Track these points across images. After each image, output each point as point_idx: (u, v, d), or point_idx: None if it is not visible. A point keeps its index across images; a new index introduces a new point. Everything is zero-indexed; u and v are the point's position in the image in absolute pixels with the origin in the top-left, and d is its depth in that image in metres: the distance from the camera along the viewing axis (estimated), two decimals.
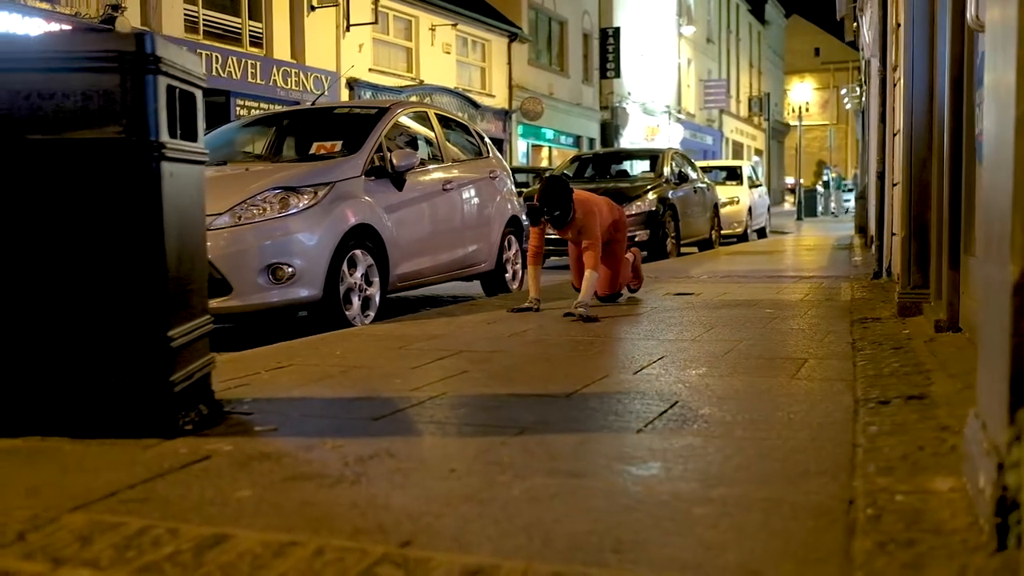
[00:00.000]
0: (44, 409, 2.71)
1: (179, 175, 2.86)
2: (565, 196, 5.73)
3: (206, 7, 18.24)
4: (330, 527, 1.89)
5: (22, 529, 1.93)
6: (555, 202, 5.70)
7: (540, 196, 5.77)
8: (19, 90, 2.66)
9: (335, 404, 3.18)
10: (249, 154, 7.37)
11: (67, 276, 2.70)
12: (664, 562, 1.65)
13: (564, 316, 5.52)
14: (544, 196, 5.74)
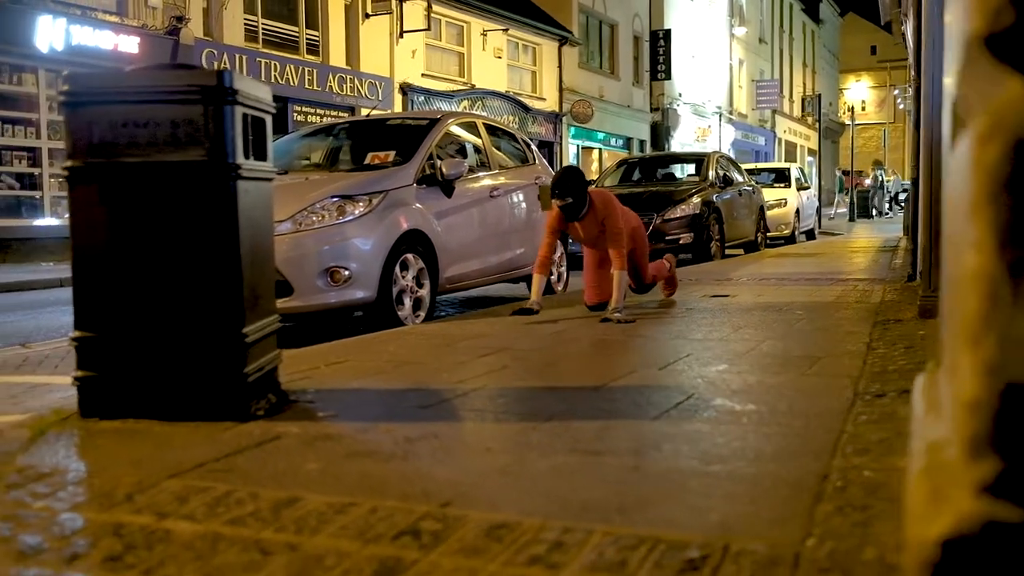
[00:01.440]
0: (139, 396, 3.13)
1: (252, 191, 3.26)
2: (580, 185, 5.75)
3: (265, 16, 18.86)
4: (383, 492, 2.26)
5: (130, 491, 2.34)
6: (569, 188, 5.71)
7: (554, 181, 5.80)
8: (118, 119, 3.08)
9: (388, 394, 3.56)
10: (308, 163, 7.81)
11: (158, 280, 3.11)
12: (657, 521, 2.00)
13: (601, 322, 5.63)
14: (558, 181, 5.77)
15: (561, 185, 5.72)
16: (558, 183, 5.75)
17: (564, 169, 5.94)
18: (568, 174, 5.81)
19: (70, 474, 2.54)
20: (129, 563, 1.88)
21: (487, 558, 1.83)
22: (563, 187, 5.70)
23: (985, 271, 0.79)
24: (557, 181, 5.77)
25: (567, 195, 5.70)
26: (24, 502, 2.31)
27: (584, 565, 1.78)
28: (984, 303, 0.79)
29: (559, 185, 5.73)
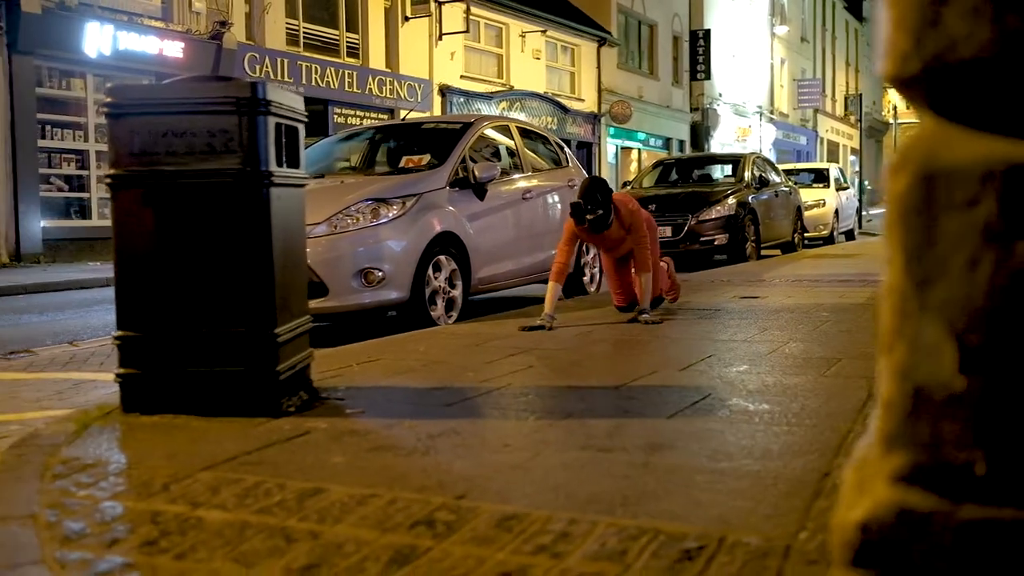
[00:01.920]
0: (177, 392, 3.29)
1: (284, 197, 3.41)
2: (606, 196, 5.68)
3: (306, 21, 19.13)
4: (402, 484, 2.38)
5: (166, 482, 2.49)
6: (597, 200, 5.62)
7: (583, 193, 5.68)
8: (158, 129, 3.24)
9: (415, 392, 3.69)
10: (345, 167, 7.98)
11: (195, 282, 3.26)
12: (659, 513, 2.10)
13: (629, 323, 5.72)
14: (587, 194, 5.66)
15: (591, 198, 5.64)
16: (588, 196, 5.65)
17: (590, 181, 5.79)
18: (595, 186, 5.72)
19: (111, 465, 2.70)
20: (164, 548, 2.02)
21: (496, 547, 1.95)
22: (593, 200, 5.63)
23: (896, 286, 0.89)
24: (586, 194, 5.67)
25: (598, 207, 5.61)
26: (69, 491, 2.47)
27: (586, 554, 1.89)
28: (895, 314, 0.89)
29: (589, 198, 5.64)
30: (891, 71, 0.87)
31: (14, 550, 2.07)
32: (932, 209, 0.85)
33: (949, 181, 0.84)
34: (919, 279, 0.86)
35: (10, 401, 4.25)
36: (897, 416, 0.89)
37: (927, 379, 0.87)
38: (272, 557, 1.94)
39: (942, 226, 0.85)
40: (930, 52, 0.84)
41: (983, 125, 0.85)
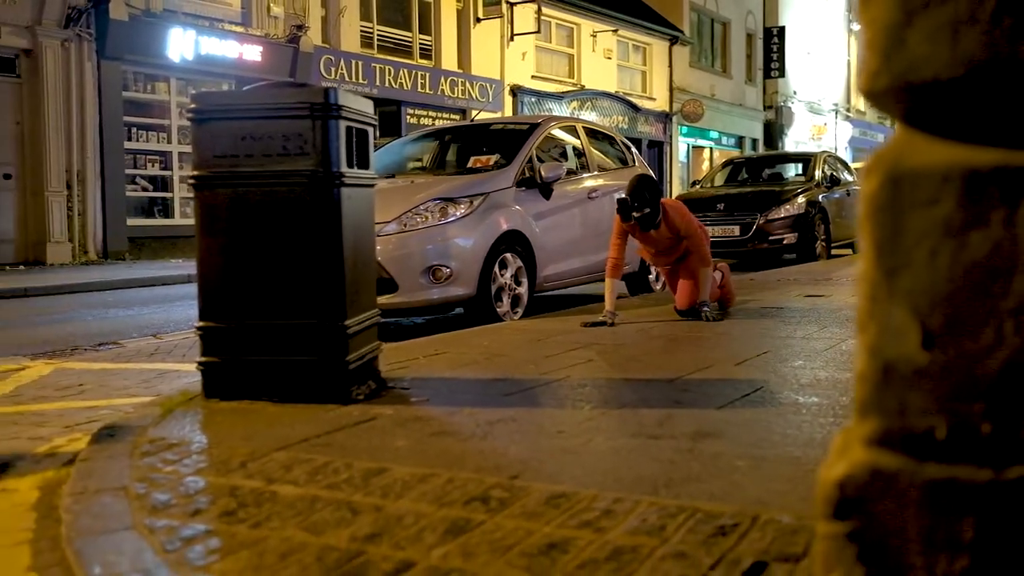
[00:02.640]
0: (254, 380, 3.50)
1: (354, 197, 3.60)
2: (654, 195, 5.68)
3: (380, 23, 19.50)
4: (460, 465, 2.55)
5: (243, 460, 2.69)
6: (645, 199, 5.63)
7: (630, 192, 5.69)
8: (238, 133, 3.46)
9: (477, 383, 3.86)
10: (415, 167, 8.20)
11: (271, 276, 3.47)
12: (699, 494, 2.23)
13: (691, 319, 5.75)
14: (635, 192, 5.66)
15: (638, 196, 5.66)
16: (635, 194, 5.67)
17: (639, 180, 5.77)
18: (643, 184, 5.71)
19: (194, 445, 2.92)
20: (241, 518, 2.22)
21: (543, 521, 2.10)
22: (640, 198, 5.65)
23: (868, 274, 1.01)
24: (633, 192, 5.68)
25: (645, 206, 5.64)
26: (156, 467, 2.69)
27: (627, 529, 2.03)
28: (867, 299, 1.01)
29: (636, 196, 5.66)
30: (865, 86, 1.00)
31: (108, 518, 2.29)
32: (898, 207, 0.98)
33: (914, 183, 0.97)
34: (887, 268, 0.99)
35: (100, 388, 4.53)
36: (870, 388, 1.02)
37: (895, 356, 0.99)
38: (339, 527, 2.12)
39: (907, 222, 0.97)
40: (896, 71, 0.97)
41: (944, 134, 0.97)
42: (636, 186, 5.70)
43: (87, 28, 13.77)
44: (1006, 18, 0.91)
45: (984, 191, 0.94)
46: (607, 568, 1.82)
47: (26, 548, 2.23)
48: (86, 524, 2.26)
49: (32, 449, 3.25)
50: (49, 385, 4.62)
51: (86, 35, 13.77)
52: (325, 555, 1.95)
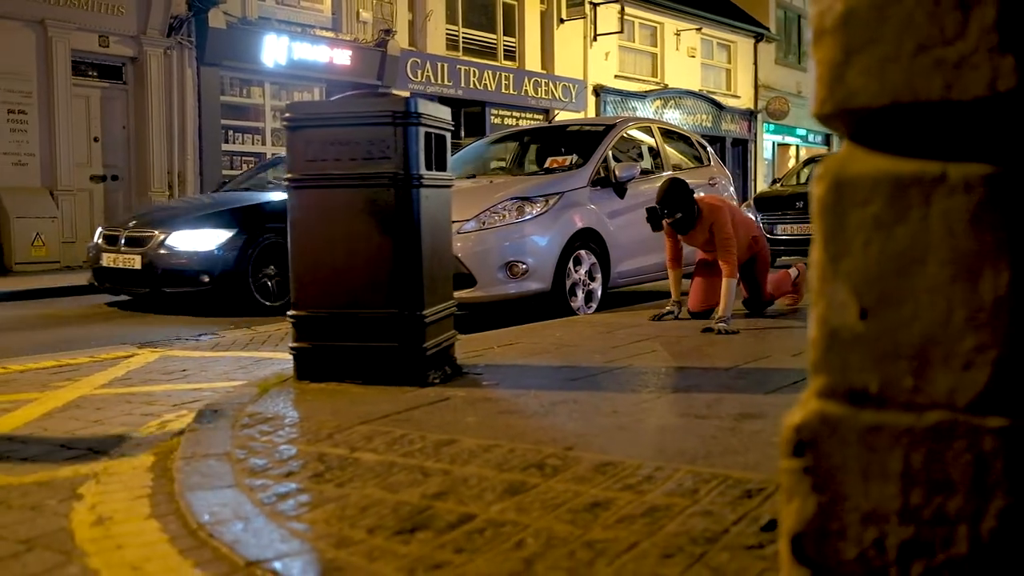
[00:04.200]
0: (341, 364, 3.85)
1: (432, 197, 3.92)
2: (686, 198, 5.54)
3: (466, 26, 19.91)
4: (521, 438, 2.84)
5: (330, 432, 3.02)
6: (675, 203, 5.50)
7: (660, 197, 5.57)
8: (326, 139, 3.80)
9: (544, 370, 4.14)
10: (494, 168, 8.52)
11: (356, 269, 3.81)
12: (733, 465, 2.47)
13: (702, 332, 5.23)
14: (664, 197, 5.54)
15: (668, 203, 5.54)
16: (665, 200, 5.55)
17: (668, 185, 5.65)
18: (673, 188, 5.58)
19: (286, 419, 3.27)
20: (327, 479, 2.54)
21: (591, 485, 2.37)
22: (671, 204, 5.54)
23: (818, 260, 1.26)
24: (663, 198, 5.56)
25: (676, 211, 5.54)
26: (253, 437, 3.04)
27: (664, 491, 2.29)
28: (818, 280, 1.26)
29: (666, 203, 5.55)
30: (815, 111, 1.26)
31: (214, 477, 2.64)
32: (841, 206, 1.23)
33: (852, 187, 1.22)
34: (832, 255, 1.24)
35: (201, 373, 4.94)
36: (819, 351, 1.27)
37: (838, 325, 1.24)
38: (412, 486, 2.43)
39: (847, 218, 1.22)
40: (838, 99, 1.21)
41: (876, 148, 1.22)
42: (666, 192, 5.61)
43: (188, 36, 14.46)
44: (921, 57, 1.15)
45: (905, 194, 1.18)
46: (642, 522, 2.09)
47: (146, 501, 2.58)
48: (195, 482, 2.61)
49: (145, 423, 3.65)
50: (156, 370, 5.05)
51: (187, 43, 14.47)
52: (399, 508, 2.26)
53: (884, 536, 1.24)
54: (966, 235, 1.17)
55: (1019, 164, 1.14)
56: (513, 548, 1.97)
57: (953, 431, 1.18)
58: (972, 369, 1.17)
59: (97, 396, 4.17)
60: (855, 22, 1.22)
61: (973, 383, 1.17)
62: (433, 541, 2.03)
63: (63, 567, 2.05)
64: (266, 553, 2.02)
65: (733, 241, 5.55)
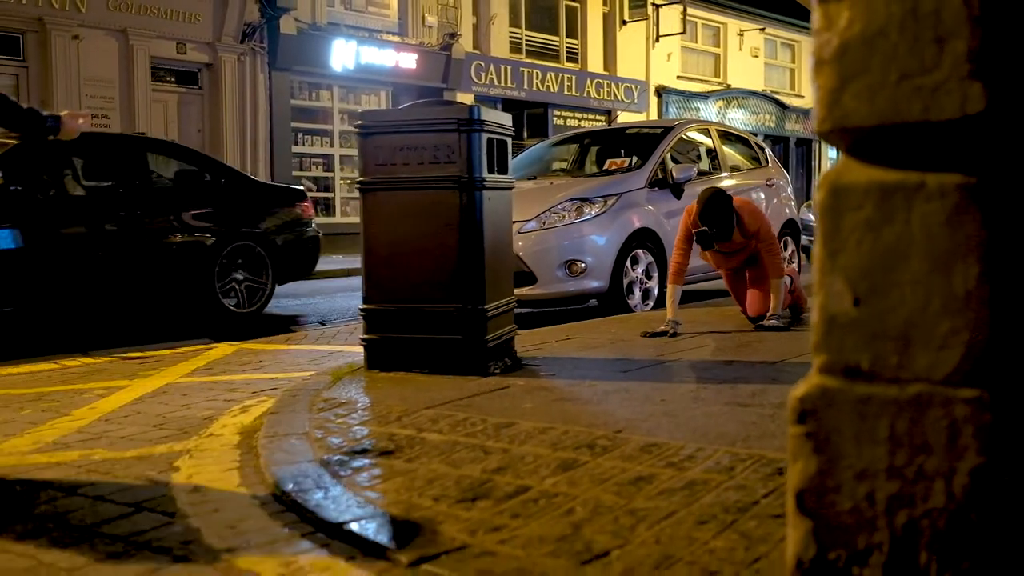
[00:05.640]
0: (408, 354, 4.12)
1: (494, 198, 4.17)
2: (728, 208, 5.31)
3: (529, 29, 20.18)
4: (575, 422, 3.07)
5: (399, 415, 3.29)
6: (718, 218, 5.27)
7: (702, 215, 5.25)
8: (395, 145, 4.08)
9: (599, 362, 4.37)
10: (555, 169, 8.75)
11: (422, 265, 4.08)
12: (768, 447, 2.68)
13: (756, 330, 5.34)
14: (708, 213, 5.24)
15: (711, 218, 5.26)
16: (707, 217, 5.26)
17: (708, 200, 5.30)
18: (712, 203, 5.28)
19: (358, 403, 3.55)
20: (397, 455, 2.80)
21: (636, 462, 2.60)
22: (715, 221, 5.27)
23: (819, 255, 1.48)
24: (707, 214, 5.26)
25: (720, 224, 5.28)
26: (329, 419, 3.32)
27: (703, 468, 2.51)
28: (818, 272, 1.48)
29: (709, 219, 5.26)
30: (816, 128, 1.47)
31: (295, 453, 2.91)
32: (837, 210, 1.44)
33: (847, 193, 1.43)
34: (830, 251, 1.45)
35: (277, 364, 5.26)
36: (820, 333, 1.49)
37: (835, 311, 1.46)
38: (473, 463, 2.68)
39: (843, 220, 1.44)
40: (836, 118, 1.43)
41: (866, 161, 1.43)
42: (705, 208, 5.28)
43: (260, 42, 14.97)
44: (903, 84, 1.37)
45: (891, 200, 1.40)
46: (681, 494, 2.31)
47: (235, 473, 2.87)
48: (279, 457, 2.89)
49: (228, 408, 3.95)
50: (234, 361, 5.38)
51: (259, 49, 14.97)
52: (461, 480, 2.51)
53: (874, 491, 1.45)
54: (942, 235, 1.37)
55: (987, 174, 1.35)
56: (563, 515, 2.20)
57: (931, 401, 1.39)
58: (947, 349, 1.38)
59: (182, 384, 4.50)
60: (849, 54, 1.43)
61: (948, 360, 1.38)
62: (492, 508, 2.27)
63: (168, 526, 2.33)
64: (345, 516, 2.28)
65: (777, 245, 5.50)
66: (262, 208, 8.06)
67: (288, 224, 8.27)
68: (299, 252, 8.35)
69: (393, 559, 2.00)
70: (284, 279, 8.23)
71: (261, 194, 8.26)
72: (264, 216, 8.02)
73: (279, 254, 8.00)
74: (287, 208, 8.33)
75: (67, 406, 3.93)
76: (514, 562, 1.93)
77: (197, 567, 2.04)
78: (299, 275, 8.55)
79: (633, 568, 1.87)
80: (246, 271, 7.75)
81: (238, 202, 7.86)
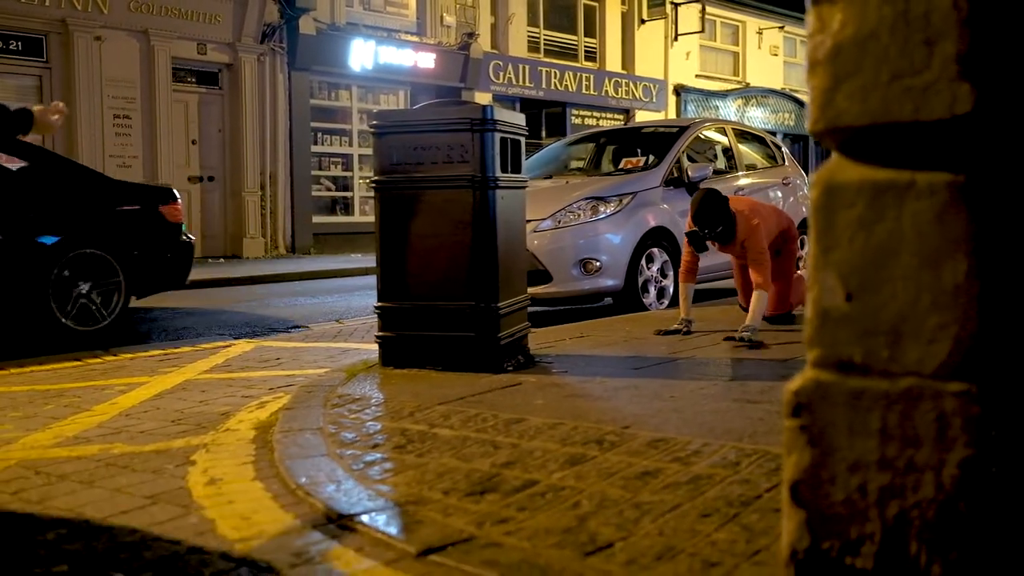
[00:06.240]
0: (422, 352, 4.17)
1: (507, 197, 4.21)
2: (723, 209, 5.15)
3: (547, 28, 20.21)
4: (584, 418, 3.11)
5: (411, 410, 3.34)
6: (714, 218, 5.13)
7: (695, 215, 5.14)
8: (409, 144, 4.13)
9: (611, 359, 4.40)
10: (571, 168, 8.79)
11: (436, 264, 4.13)
12: (775, 441, 2.71)
13: (724, 340, 4.96)
14: (700, 214, 5.12)
15: (707, 220, 5.14)
16: (703, 218, 5.14)
17: (701, 200, 5.17)
18: (707, 203, 5.15)
19: (372, 399, 3.60)
20: (408, 450, 2.85)
21: (643, 457, 2.64)
22: (710, 221, 5.15)
23: (813, 252, 1.51)
24: (701, 215, 5.14)
25: (717, 225, 5.15)
26: (343, 414, 3.37)
27: (708, 463, 2.54)
28: (812, 268, 1.51)
29: (703, 220, 5.15)
30: (810, 128, 1.51)
31: (309, 447, 2.97)
32: (830, 207, 1.47)
33: (840, 192, 1.46)
34: (824, 248, 1.49)
35: (294, 361, 5.32)
36: (814, 328, 1.52)
37: (828, 306, 1.49)
38: (483, 457, 2.72)
39: (836, 218, 1.47)
40: (829, 118, 1.46)
41: (858, 160, 1.46)
42: (699, 209, 5.16)
43: (280, 43, 15.07)
44: (894, 85, 1.40)
45: (882, 198, 1.43)
46: (686, 488, 2.35)
47: (250, 466, 2.93)
48: (293, 451, 2.94)
49: (245, 404, 4.01)
50: (252, 359, 5.44)
51: (279, 49, 15.08)
52: (471, 474, 2.55)
53: (866, 482, 1.48)
54: (931, 232, 1.41)
55: (975, 173, 1.38)
56: (570, 508, 2.25)
57: (921, 394, 1.43)
58: (936, 343, 1.41)
59: (201, 380, 4.57)
60: (842, 55, 1.47)
61: (936, 354, 1.41)
62: (500, 501, 2.32)
63: (184, 517, 2.39)
64: (355, 508, 2.33)
65: (767, 256, 5.18)
66: (114, 211, 6.81)
67: (148, 229, 7.01)
68: (163, 260, 7.09)
69: (401, 550, 2.05)
70: (144, 291, 7.06)
71: (113, 194, 6.92)
72: (117, 220, 6.78)
73: (136, 263, 6.78)
74: (148, 210, 7.04)
75: (88, 402, 4.01)
76: (519, 553, 1.97)
77: (210, 557, 2.09)
78: (165, 286, 7.29)
79: (635, 559, 1.91)
80: (93, 283, 6.52)
81: (83, 204, 6.63)
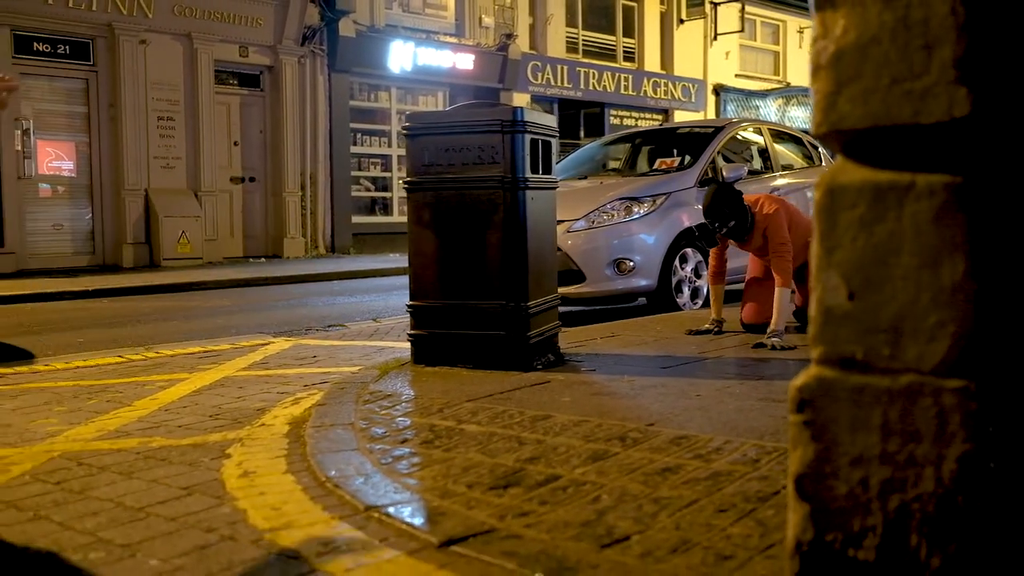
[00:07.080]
0: (453, 350, 4.24)
1: (537, 198, 4.27)
2: (735, 203, 5.04)
3: (585, 29, 20.23)
4: (610, 415, 3.16)
5: (440, 407, 3.41)
6: (725, 212, 5.03)
7: (706, 209, 5.07)
8: (441, 145, 4.20)
9: (640, 359, 4.44)
10: (606, 169, 8.82)
11: (468, 263, 4.20)
12: None
13: (753, 348, 4.74)
14: (712, 209, 5.04)
15: (717, 213, 5.04)
16: (715, 212, 5.04)
17: (715, 193, 5.09)
18: (720, 197, 5.05)
19: (403, 396, 3.68)
20: (436, 445, 2.92)
21: (665, 454, 2.68)
22: (720, 214, 5.04)
23: (816, 252, 1.55)
24: (710, 210, 5.06)
25: (728, 220, 5.04)
26: (374, 410, 3.45)
27: (729, 460, 2.58)
28: (815, 268, 1.55)
29: (714, 214, 5.05)
30: (813, 131, 1.55)
31: (340, 442, 3.05)
32: (833, 208, 1.52)
33: (842, 193, 1.51)
34: (827, 248, 1.53)
35: (330, 359, 5.42)
36: (817, 326, 1.56)
37: (831, 305, 1.53)
38: (508, 452, 2.78)
39: (839, 218, 1.51)
40: (832, 121, 1.50)
41: (860, 161, 1.50)
42: (712, 202, 5.07)
43: (320, 45, 15.25)
44: (895, 88, 1.44)
45: (883, 199, 1.47)
46: (705, 484, 2.39)
47: (283, 460, 3.01)
48: (324, 446, 3.02)
49: (281, 400, 4.11)
50: (289, 356, 5.55)
51: (319, 51, 15.26)
52: (495, 469, 2.61)
53: (868, 476, 1.52)
54: (930, 232, 1.44)
55: (973, 174, 1.42)
56: (590, 502, 2.30)
57: (921, 391, 1.46)
58: (935, 341, 1.45)
59: (239, 377, 4.68)
60: (844, 60, 1.51)
61: (936, 352, 1.45)
62: (522, 495, 2.38)
63: (217, 507, 2.48)
64: (382, 500, 2.40)
65: (789, 247, 5.00)
66: None
67: None
68: None
69: (424, 540, 2.11)
70: None
71: None
72: None
73: None
74: None
75: (130, 397, 4.13)
76: (538, 545, 2.03)
77: (240, 545, 2.17)
78: None
79: (651, 551, 1.96)
80: None
81: None
